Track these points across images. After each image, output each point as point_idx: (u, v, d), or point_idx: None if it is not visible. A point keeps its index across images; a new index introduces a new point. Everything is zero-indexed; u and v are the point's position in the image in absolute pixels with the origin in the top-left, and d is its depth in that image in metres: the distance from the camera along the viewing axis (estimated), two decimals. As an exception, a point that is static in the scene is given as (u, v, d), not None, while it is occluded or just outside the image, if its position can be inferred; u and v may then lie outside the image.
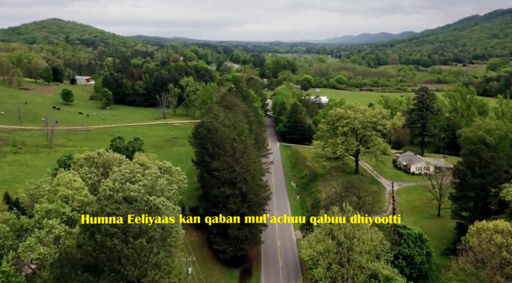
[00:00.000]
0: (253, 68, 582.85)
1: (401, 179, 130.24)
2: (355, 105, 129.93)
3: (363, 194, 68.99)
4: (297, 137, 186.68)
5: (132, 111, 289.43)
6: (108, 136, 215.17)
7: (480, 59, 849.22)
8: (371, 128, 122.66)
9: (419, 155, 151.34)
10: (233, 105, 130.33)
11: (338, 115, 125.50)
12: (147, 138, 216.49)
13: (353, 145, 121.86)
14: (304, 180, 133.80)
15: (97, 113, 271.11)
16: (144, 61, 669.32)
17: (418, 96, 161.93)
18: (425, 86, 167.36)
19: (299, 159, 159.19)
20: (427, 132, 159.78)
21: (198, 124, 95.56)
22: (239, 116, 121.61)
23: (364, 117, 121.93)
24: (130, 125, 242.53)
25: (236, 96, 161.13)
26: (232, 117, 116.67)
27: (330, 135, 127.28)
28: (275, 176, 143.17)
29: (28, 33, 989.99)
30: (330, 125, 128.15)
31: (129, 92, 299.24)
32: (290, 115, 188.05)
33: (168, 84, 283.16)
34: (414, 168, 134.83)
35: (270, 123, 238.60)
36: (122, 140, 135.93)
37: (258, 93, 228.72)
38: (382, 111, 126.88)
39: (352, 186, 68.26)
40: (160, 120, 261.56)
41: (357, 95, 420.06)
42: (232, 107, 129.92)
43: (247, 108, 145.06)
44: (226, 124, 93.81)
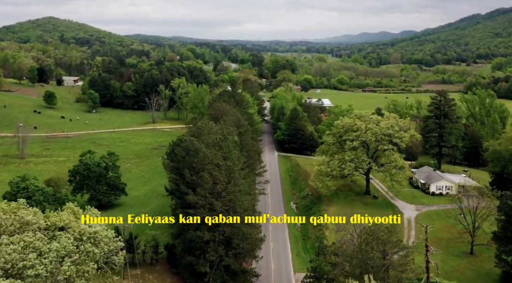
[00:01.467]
0: (252, 67, 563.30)
1: (420, 201, 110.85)
2: (365, 114, 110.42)
3: (391, 251, 49.57)
4: (297, 147, 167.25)
5: (120, 114, 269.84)
6: (89, 144, 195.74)
7: (484, 58, 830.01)
8: (386, 142, 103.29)
9: (437, 170, 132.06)
10: (222, 113, 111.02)
11: (346, 126, 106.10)
12: (132, 145, 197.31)
13: (364, 163, 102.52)
14: (306, 201, 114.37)
15: (82, 117, 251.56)
16: (139, 60, 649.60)
17: (435, 102, 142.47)
18: (442, 90, 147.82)
19: (299, 173, 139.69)
20: (446, 143, 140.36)
21: (174, 141, 76.09)
22: (229, 128, 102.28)
23: (378, 129, 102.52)
24: (116, 131, 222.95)
25: (228, 101, 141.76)
26: (220, 130, 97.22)
27: (336, 149, 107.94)
28: (272, 194, 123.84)
29: (23, 31, 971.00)
30: (337, 137, 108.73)
31: (118, 94, 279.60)
32: (290, 122, 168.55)
33: (159, 86, 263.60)
34: (434, 187, 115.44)
35: (267, 129, 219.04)
36: (93, 154, 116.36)
37: (255, 96, 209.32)
38: (399, 121, 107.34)
39: (376, 238, 49.00)
40: (149, 125, 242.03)
41: (360, 97, 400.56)
42: (221, 116, 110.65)
43: (239, 115, 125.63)
44: (209, 143, 74.50)
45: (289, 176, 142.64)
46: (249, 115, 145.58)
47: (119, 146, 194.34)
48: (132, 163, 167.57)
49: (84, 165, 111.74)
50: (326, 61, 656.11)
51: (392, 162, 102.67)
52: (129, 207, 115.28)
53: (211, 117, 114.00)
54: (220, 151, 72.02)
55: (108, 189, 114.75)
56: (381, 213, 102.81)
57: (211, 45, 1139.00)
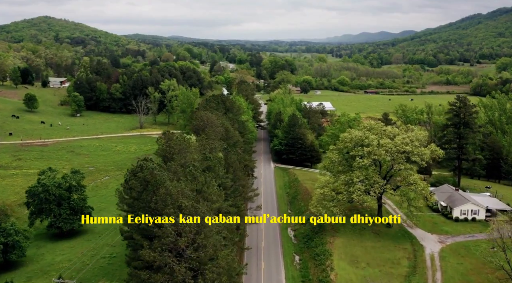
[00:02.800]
0: (250, 68, 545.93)
1: (442, 230, 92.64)
2: (376, 125, 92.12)
3: None
4: (296, 157, 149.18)
5: (106, 119, 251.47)
6: (67, 153, 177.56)
7: (487, 58, 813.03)
8: (403, 160, 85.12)
9: (458, 188, 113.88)
10: (206, 125, 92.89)
11: (355, 140, 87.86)
12: (114, 155, 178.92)
13: (377, 186, 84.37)
14: (306, 228, 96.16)
15: (64, 121, 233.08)
16: (134, 60, 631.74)
17: (453, 109, 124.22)
18: (463, 96, 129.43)
19: (298, 191, 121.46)
20: (466, 156, 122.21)
21: (131, 170, 57.80)
22: (213, 144, 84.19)
23: (393, 145, 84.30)
24: (99, 137, 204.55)
25: (216, 108, 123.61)
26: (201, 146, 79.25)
27: (343, 168, 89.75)
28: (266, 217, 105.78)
29: (17, 31, 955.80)
30: (343, 153, 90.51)
31: (104, 97, 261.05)
32: (288, 129, 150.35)
33: (148, 88, 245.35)
34: (457, 211, 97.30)
35: (264, 136, 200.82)
36: (54, 173, 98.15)
37: (250, 100, 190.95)
38: (418, 134, 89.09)
39: None
40: (136, 130, 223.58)
41: (362, 99, 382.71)
42: (204, 128, 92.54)
43: (229, 125, 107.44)
44: (178, 172, 56.32)
45: (287, 194, 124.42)
46: (241, 123, 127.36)
47: (99, 155, 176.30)
48: (111, 176, 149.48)
49: (42, 187, 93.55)
50: (327, 61, 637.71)
51: (411, 185, 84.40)
52: (96, 236, 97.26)
53: (194, 128, 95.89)
54: (194, 181, 54.04)
55: (72, 213, 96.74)
56: (397, 247, 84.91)
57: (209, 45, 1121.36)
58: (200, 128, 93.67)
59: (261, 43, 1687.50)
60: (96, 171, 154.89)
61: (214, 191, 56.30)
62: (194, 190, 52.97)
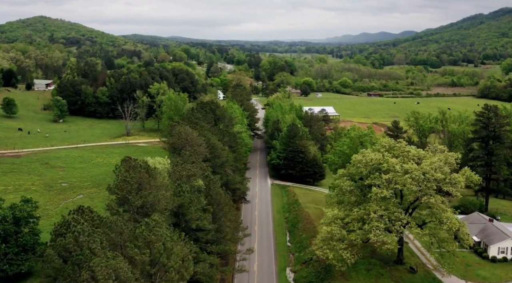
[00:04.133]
0: (248, 69, 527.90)
1: (479, 276, 74.34)
2: (398, 144, 73.70)
3: None
4: (296, 173, 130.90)
5: (91, 125, 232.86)
6: (40, 166, 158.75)
7: (491, 59, 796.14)
8: (433, 190, 66.90)
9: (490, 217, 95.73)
10: (185, 144, 74.70)
11: (371, 164, 69.61)
12: (93, 168, 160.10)
13: (399, 224, 66.15)
14: (309, 271, 77.89)
15: (45, 128, 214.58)
16: (129, 61, 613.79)
17: (481, 119, 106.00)
18: (493, 105, 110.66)
19: (299, 217, 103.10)
20: (497, 175, 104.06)
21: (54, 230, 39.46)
22: (192, 169, 66.17)
23: (420, 172, 66.00)
24: (79, 146, 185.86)
25: (204, 118, 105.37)
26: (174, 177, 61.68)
27: (356, 199, 71.51)
28: (260, 251, 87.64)
29: (12, 31, 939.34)
30: (356, 180, 72.27)
31: (90, 101, 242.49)
32: (287, 141, 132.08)
33: (137, 91, 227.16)
34: (495, 249, 79.12)
35: (261, 145, 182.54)
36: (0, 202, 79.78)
37: (245, 106, 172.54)
38: (449, 156, 70.84)
39: None
40: (122, 138, 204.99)
41: (366, 102, 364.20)
42: (182, 148, 74.42)
43: (215, 141, 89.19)
44: (124, 231, 38.00)
45: (285, 219, 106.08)
46: (233, 136, 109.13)
47: (76, 168, 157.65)
48: (85, 194, 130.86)
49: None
50: (327, 62, 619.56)
51: (443, 224, 66.15)
52: (49, 281, 78.78)
53: (170, 147, 77.71)
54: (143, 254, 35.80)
55: (20, 251, 78.46)
56: (425, 302, 66.77)
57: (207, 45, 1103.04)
58: (176, 148, 75.48)
59: (261, 43, 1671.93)
60: (69, 188, 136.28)
61: (178, 260, 38.19)
62: (146, 263, 34.89)
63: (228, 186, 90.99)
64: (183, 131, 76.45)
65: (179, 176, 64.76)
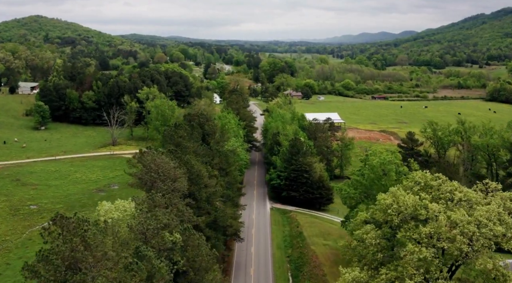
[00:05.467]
0: (247, 70, 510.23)
1: None
2: (441, 181, 55.42)
3: None
4: (299, 196, 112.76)
5: (75, 132, 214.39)
6: (10, 183, 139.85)
7: (496, 59, 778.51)
8: (490, 248, 48.88)
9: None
10: (156, 178, 56.63)
11: (406, 212, 51.38)
12: (69, 185, 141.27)
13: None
14: None
15: (23, 137, 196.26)
16: (124, 61, 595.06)
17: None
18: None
19: (305, 258, 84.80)
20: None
21: None
22: (163, 219, 48.22)
23: (473, 224, 47.92)
24: (58, 159, 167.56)
25: (190, 136, 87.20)
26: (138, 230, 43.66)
27: (383, 256, 53.26)
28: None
29: (6, 31, 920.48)
30: (383, 231, 54.07)
31: (75, 106, 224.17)
32: (289, 158, 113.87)
33: (125, 96, 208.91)
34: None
35: (259, 158, 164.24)
36: None
37: (241, 114, 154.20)
38: (507, 199, 52.87)
39: None
40: (107, 148, 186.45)
41: (370, 106, 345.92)
42: (153, 183, 56.50)
43: (200, 168, 71.05)
44: None
45: (288, 258, 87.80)
46: (224, 156, 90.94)
47: (50, 186, 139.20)
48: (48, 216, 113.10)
49: None
50: (328, 63, 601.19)
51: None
52: None
53: (140, 183, 59.68)
54: None
55: None
56: None
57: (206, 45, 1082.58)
58: (146, 184, 57.31)
59: (260, 43, 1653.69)
60: (37, 212, 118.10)
61: None
62: None
63: (217, 223, 73.16)
64: (152, 161, 58.34)
65: (143, 230, 46.77)
